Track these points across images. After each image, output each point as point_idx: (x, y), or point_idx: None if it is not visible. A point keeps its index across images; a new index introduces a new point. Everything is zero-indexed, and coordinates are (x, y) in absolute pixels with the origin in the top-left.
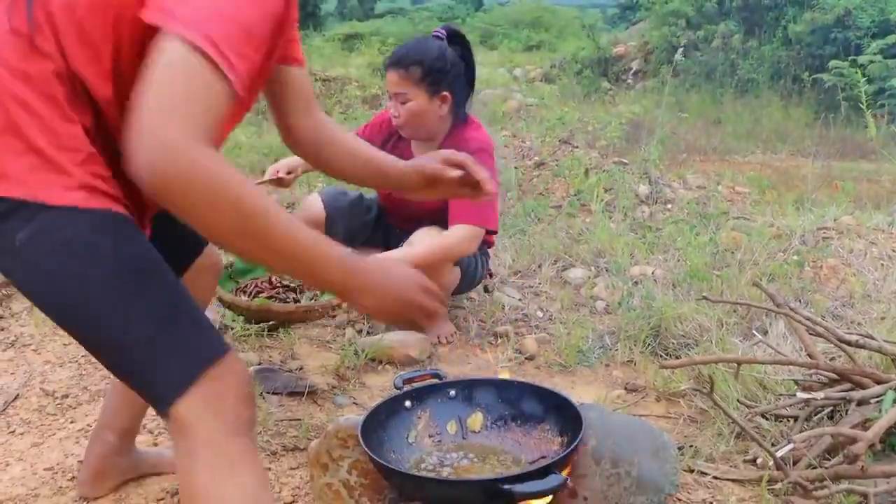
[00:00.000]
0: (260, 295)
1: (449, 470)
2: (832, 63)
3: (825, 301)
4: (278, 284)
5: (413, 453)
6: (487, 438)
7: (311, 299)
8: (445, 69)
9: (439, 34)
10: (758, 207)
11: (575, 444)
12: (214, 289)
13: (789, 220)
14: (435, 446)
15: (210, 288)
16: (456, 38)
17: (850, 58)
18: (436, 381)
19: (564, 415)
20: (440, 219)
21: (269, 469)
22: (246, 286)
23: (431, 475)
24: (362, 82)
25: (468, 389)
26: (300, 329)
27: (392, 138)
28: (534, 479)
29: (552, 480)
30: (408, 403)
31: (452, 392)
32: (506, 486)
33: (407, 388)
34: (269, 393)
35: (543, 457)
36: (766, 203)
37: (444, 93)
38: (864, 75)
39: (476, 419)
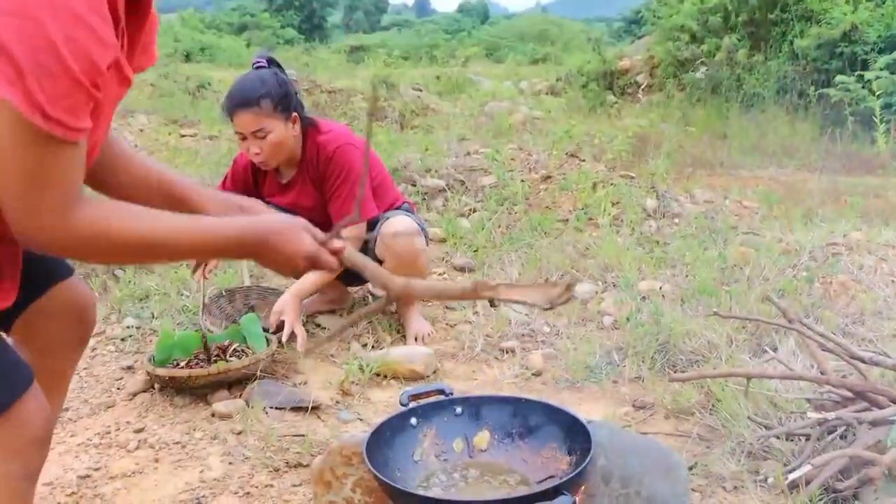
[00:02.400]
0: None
1: (455, 490)
2: (838, 78)
3: (835, 318)
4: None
5: (419, 472)
6: (494, 456)
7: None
8: (288, 92)
9: (261, 63)
10: (766, 222)
11: (584, 464)
12: (81, 336)
13: (798, 236)
14: (441, 464)
15: (70, 333)
16: (273, 63)
17: (856, 73)
18: (441, 397)
19: (573, 433)
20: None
21: (272, 486)
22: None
23: (439, 496)
24: (368, 94)
25: (475, 406)
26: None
27: (258, 178)
28: (542, 501)
29: (561, 502)
30: (413, 421)
31: (459, 409)
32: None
33: (413, 404)
34: (271, 408)
35: (552, 476)
36: (775, 218)
37: (294, 114)
38: (870, 91)
39: (483, 437)
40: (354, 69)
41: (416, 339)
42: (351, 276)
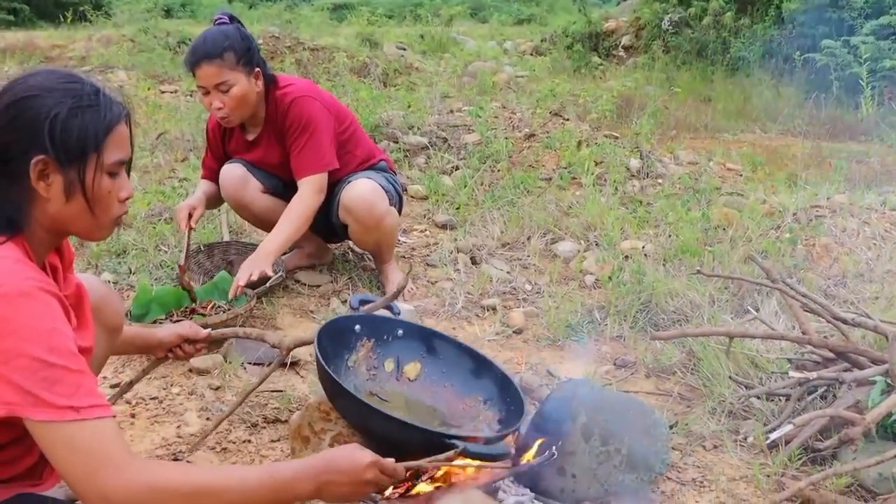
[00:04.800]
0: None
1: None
2: (824, 43)
3: (817, 279)
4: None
5: (349, 378)
6: (420, 389)
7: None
8: (251, 47)
9: (223, 20)
10: (750, 184)
11: (516, 427)
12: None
13: (782, 198)
14: (370, 380)
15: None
16: (234, 20)
17: (842, 38)
18: (389, 314)
19: (507, 397)
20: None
21: (250, 441)
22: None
23: (381, 408)
24: (351, 52)
25: (419, 337)
26: (283, 298)
27: (225, 136)
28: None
29: (501, 448)
30: (357, 327)
31: (401, 332)
32: (454, 441)
33: (363, 310)
34: (249, 363)
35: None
36: (758, 180)
37: (257, 69)
38: (855, 56)
39: (414, 367)
40: (338, 27)
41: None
42: (330, 233)
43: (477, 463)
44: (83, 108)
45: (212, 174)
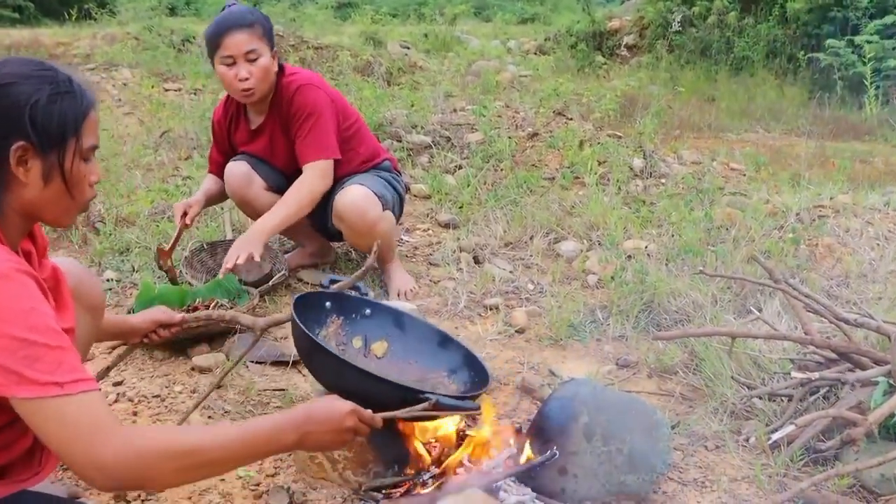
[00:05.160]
0: None
1: None
2: (828, 42)
3: (820, 280)
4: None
5: None
6: (387, 366)
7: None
8: (272, 27)
9: (234, 3)
10: (753, 184)
11: (484, 389)
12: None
13: (785, 198)
14: (339, 354)
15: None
16: None
17: (846, 37)
18: (356, 294)
19: (469, 367)
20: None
21: None
22: None
23: (356, 363)
24: (354, 51)
25: (386, 316)
26: (285, 297)
27: (231, 127)
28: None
29: (469, 403)
30: (328, 304)
31: (369, 311)
32: (428, 393)
33: (333, 288)
34: (252, 362)
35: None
36: (762, 180)
37: (275, 49)
38: (859, 56)
39: (381, 345)
40: (341, 25)
41: (398, 295)
42: (333, 232)
43: (449, 412)
44: (61, 94)
45: (218, 168)
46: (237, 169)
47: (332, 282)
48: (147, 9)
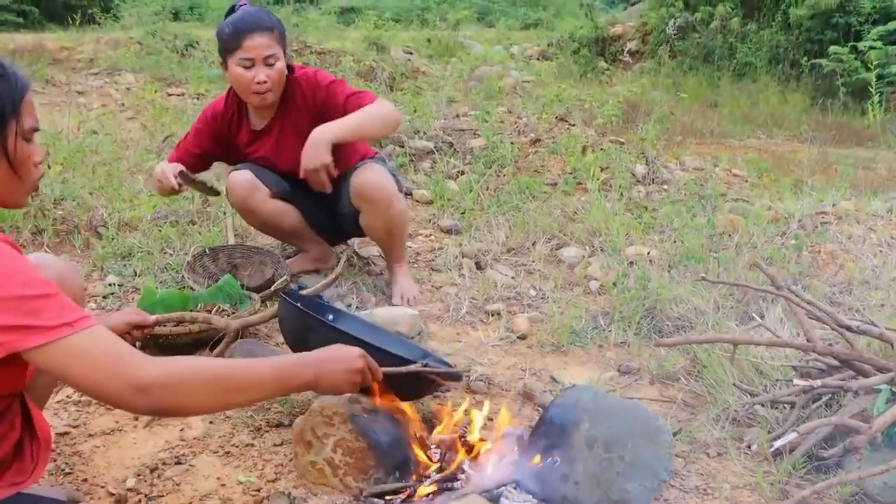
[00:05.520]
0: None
1: None
2: (831, 49)
3: (823, 286)
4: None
5: None
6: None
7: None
8: (285, 31)
9: (244, 4)
10: (755, 191)
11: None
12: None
13: (787, 204)
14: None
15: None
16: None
17: (849, 44)
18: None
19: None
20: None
21: (252, 445)
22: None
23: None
24: (357, 56)
25: (345, 321)
26: None
27: (231, 126)
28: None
29: (457, 370)
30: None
31: (331, 316)
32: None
33: (304, 293)
34: None
35: None
36: (764, 187)
37: (286, 53)
38: (862, 62)
39: None
40: (345, 31)
41: (402, 299)
42: (336, 231)
43: (438, 376)
44: None
45: (188, 159)
46: (241, 177)
47: (301, 289)
48: (151, 14)
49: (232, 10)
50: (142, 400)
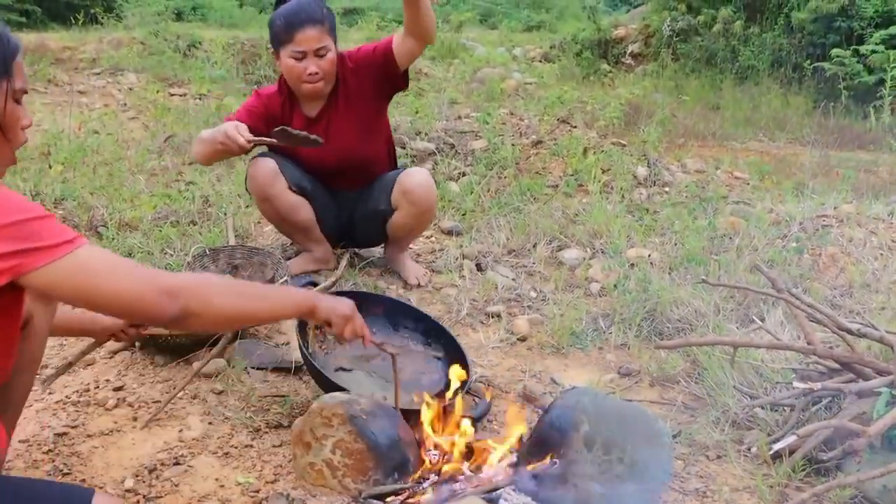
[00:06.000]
0: None
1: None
2: (834, 52)
3: (823, 289)
4: None
5: (319, 362)
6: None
7: None
8: (335, 21)
9: None
10: (757, 193)
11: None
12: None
13: (789, 207)
14: (329, 354)
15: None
16: None
17: (851, 47)
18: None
19: (433, 333)
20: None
21: (251, 446)
22: None
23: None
24: None
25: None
26: None
27: (285, 112)
28: None
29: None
30: None
31: None
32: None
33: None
34: (253, 368)
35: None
36: (765, 189)
37: (335, 41)
38: (864, 65)
39: None
40: (347, 32)
41: (416, 279)
42: (344, 237)
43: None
44: None
45: None
46: (265, 165)
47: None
48: (153, 14)
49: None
50: (173, 304)
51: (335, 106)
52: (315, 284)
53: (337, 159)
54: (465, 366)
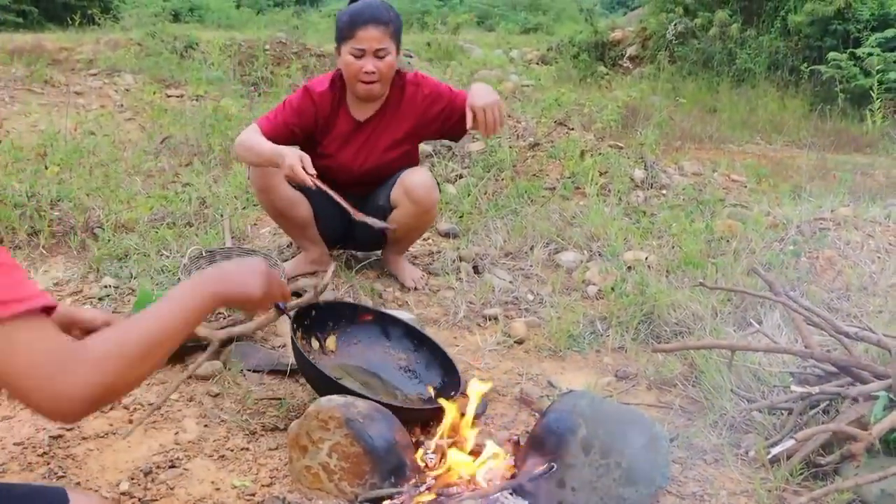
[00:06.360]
0: None
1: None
2: (830, 55)
3: (821, 292)
4: None
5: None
6: (344, 356)
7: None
8: (402, 26)
9: None
10: (754, 196)
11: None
12: None
13: (786, 210)
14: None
15: None
16: None
17: (848, 50)
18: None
19: (410, 338)
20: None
21: (248, 449)
22: None
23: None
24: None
25: (326, 312)
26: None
27: (332, 106)
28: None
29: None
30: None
31: (313, 312)
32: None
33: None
34: (249, 370)
35: (407, 369)
36: (762, 192)
37: (399, 49)
38: (861, 68)
39: (332, 340)
40: None
41: (413, 282)
42: (340, 236)
43: None
44: None
45: (283, 133)
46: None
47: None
48: (150, 15)
49: None
50: (78, 414)
51: (384, 116)
52: (299, 295)
53: (365, 170)
54: (454, 371)
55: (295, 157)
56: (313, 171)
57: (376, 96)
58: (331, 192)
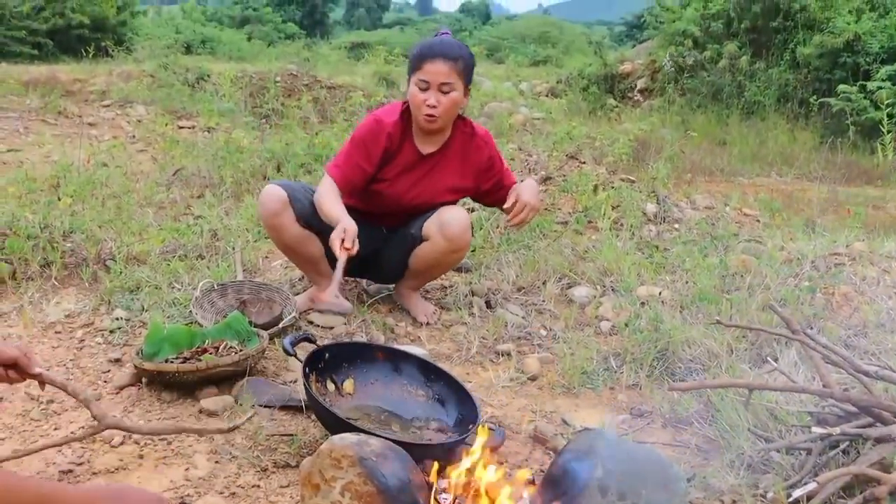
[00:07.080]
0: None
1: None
2: (840, 87)
3: (837, 329)
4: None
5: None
6: (362, 397)
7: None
8: (473, 66)
9: (446, 32)
10: (767, 230)
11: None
12: None
13: (800, 245)
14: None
15: None
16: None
17: (858, 83)
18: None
19: (426, 374)
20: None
21: (259, 486)
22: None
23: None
24: (367, 91)
25: (342, 354)
26: None
27: (401, 140)
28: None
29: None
30: (306, 369)
31: (328, 355)
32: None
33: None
34: (261, 406)
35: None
36: (776, 226)
37: (469, 87)
38: (871, 101)
39: (350, 383)
40: (355, 66)
41: (425, 317)
42: (358, 269)
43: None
44: None
45: (357, 176)
46: (274, 194)
47: (293, 343)
48: (163, 47)
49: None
50: None
51: (445, 156)
52: (311, 340)
53: (415, 204)
54: (472, 404)
55: (347, 233)
56: (350, 246)
57: (437, 130)
58: (340, 265)
